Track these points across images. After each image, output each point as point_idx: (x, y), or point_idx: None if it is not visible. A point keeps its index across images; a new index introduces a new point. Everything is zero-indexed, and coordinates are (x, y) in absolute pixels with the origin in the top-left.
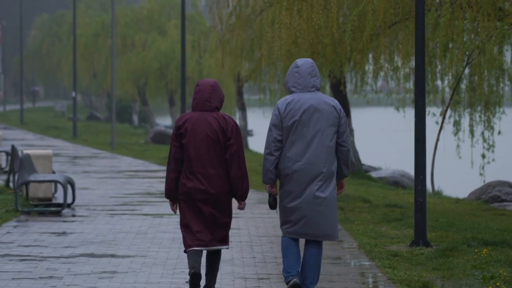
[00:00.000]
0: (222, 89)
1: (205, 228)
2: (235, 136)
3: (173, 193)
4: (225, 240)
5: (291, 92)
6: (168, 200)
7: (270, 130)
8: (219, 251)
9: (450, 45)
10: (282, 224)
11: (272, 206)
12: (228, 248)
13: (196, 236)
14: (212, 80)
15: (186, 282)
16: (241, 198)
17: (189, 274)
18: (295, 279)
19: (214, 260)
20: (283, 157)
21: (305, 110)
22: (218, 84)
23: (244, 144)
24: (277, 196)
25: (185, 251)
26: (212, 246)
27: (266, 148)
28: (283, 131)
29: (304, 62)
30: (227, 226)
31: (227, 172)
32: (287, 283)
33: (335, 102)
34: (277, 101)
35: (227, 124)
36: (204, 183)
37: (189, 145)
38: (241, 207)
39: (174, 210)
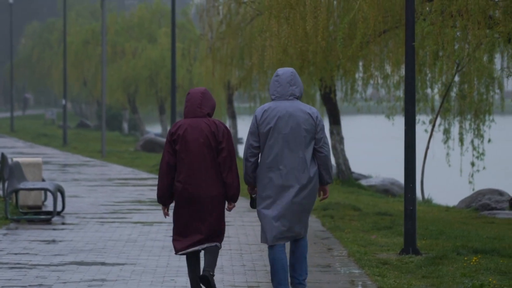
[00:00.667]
0: (213, 97)
1: (198, 230)
2: (226, 140)
3: (165, 198)
4: (219, 238)
5: (271, 100)
6: (160, 204)
7: (248, 137)
8: (214, 247)
9: (440, 54)
10: (263, 231)
11: (253, 205)
12: (219, 245)
13: (189, 238)
14: (203, 88)
15: None
16: (232, 199)
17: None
18: None
19: (209, 254)
20: (261, 163)
21: (280, 118)
22: (209, 92)
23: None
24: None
25: (176, 253)
26: (205, 243)
27: (244, 154)
28: (260, 138)
29: (284, 72)
30: (221, 226)
31: (220, 175)
32: None
33: (312, 110)
34: (256, 109)
35: (218, 129)
36: (197, 187)
37: (182, 150)
38: (230, 207)
39: (166, 214)
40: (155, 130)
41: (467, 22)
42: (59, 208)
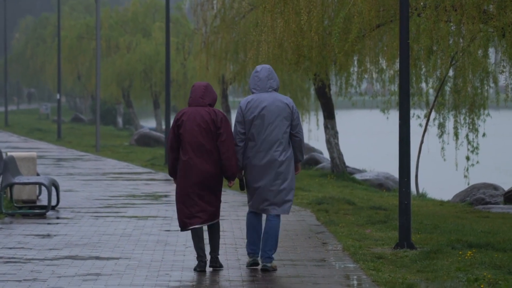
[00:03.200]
0: (215, 91)
1: (199, 207)
2: (224, 126)
3: (174, 172)
4: (216, 215)
5: (252, 93)
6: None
7: (235, 125)
8: (215, 224)
9: (435, 48)
10: (248, 201)
11: (242, 187)
12: (218, 221)
13: (192, 215)
14: (206, 82)
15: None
16: (232, 178)
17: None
18: (255, 257)
19: (213, 232)
20: (247, 148)
21: (262, 108)
22: (211, 86)
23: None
24: (244, 178)
25: (182, 230)
26: (207, 222)
27: (233, 140)
28: (245, 125)
29: (262, 68)
30: (217, 202)
31: (218, 156)
32: (249, 257)
33: (288, 100)
34: (240, 101)
35: (217, 116)
36: (198, 165)
37: (185, 133)
38: (230, 184)
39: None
40: (149, 124)
41: (462, 17)
42: (53, 203)
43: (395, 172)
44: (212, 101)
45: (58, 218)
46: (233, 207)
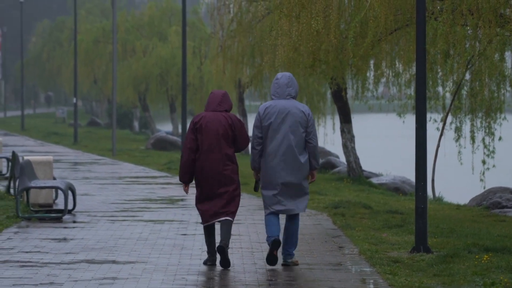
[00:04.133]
0: (231, 99)
1: (216, 204)
2: (239, 129)
3: (187, 177)
4: (232, 213)
5: (272, 99)
6: (182, 183)
7: (253, 130)
8: (226, 221)
9: (451, 52)
10: (264, 203)
11: (256, 189)
12: (233, 221)
13: (210, 212)
14: (224, 90)
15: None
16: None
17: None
18: (276, 237)
19: (223, 227)
20: (264, 152)
21: (279, 113)
22: (228, 95)
23: (244, 150)
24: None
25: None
26: (222, 217)
27: (251, 143)
28: (263, 130)
29: (282, 76)
30: (236, 199)
31: (234, 158)
32: (269, 244)
33: (305, 108)
34: (259, 107)
35: (233, 121)
36: (213, 167)
37: (203, 137)
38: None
39: (186, 191)
40: (165, 128)
41: (478, 21)
42: (70, 206)
43: (411, 176)
44: (229, 108)
45: (74, 222)
46: (249, 211)
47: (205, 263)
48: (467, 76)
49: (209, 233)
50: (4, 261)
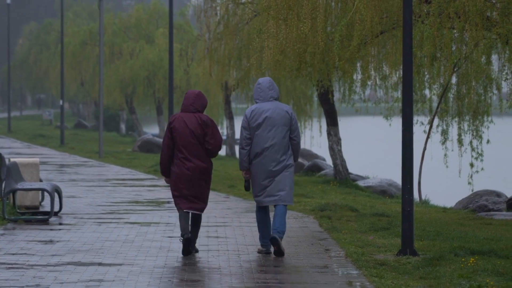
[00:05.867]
0: (207, 97)
1: (191, 195)
2: (211, 128)
3: (166, 171)
4: (203, 205)
5: (256, 102)
6: (163, 177)
7: (241, 131)
8: (198, 216)
9: (438, 55)
10: (254, 198)
11: (247, 188)
12: (202, 212)
13: (186, 199)
14: (198, 90)
15: (180, 240)
16: (212, 153)
17: (183, 237)
18: (272, 236)
19: (195, 221)
20: (252, 151)
21: (265, 115)
22: (202, 93)
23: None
24: (250, 180)
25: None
26: (195, 209)
27: (239, 144)
28: (250, 131)
29: (263, 80)
30: (206, 192)
31: (206, 153)
32: (262, 247)
33: (288, 108)
34: (246, 110)
35: (204, 121)
36: (189, 162)
37: (177, 135)
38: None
39: (167, 182)
40: (152, 130)
41: (465, 24)
42: (56, 209)
43: (398, 179)
44: (201, 108)
45: (60, 224)
46: (236, 213)
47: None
48: (454, 79)
49: (183, 218)
50: None
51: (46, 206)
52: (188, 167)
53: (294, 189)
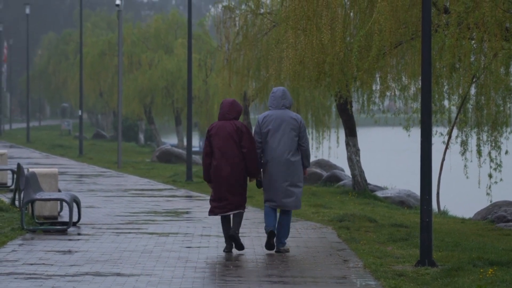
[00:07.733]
0: (240, 104)
1: (228, 199)
2: (246, 135)
3: (208, 176)
4: (242, 206)
5: (269, 109)
6: (206, 182)
7: (253, 136)
8: (239, 213)
9: (457, 65)
10: (265, 200)
11: (259, 186)
12: (244, 212)
13: (222, 205)
14: (232, 99)
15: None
16: (253, 174)
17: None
18: (271, 228)
19: (235, 218)
20: (263, 155)
21: (275, 121)
22: (236, 101)
23: None
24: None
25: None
26: (233, 210)
27: (254, 147)
28: (262, 136)
29: (277, 89)
30: (243, 198)
31: (243, 159)
32: (266, 232)
33: (297, 116)
34: (258, 116)
35: (240, 128)
36: (226, 168)
37: (215, 143)
38: (251, 181)
39: (211, 187)
40: (171, 141)
41: (484, 34)
42: (75, 219)
43: (416, 190)
44: (237, 115)
45: (79, 234)
46: (254, 223)
47: (224, 250)
48: (473, 90)
49: (225, 221)
50: (9, 273)
51: (64, 216)
52: (224, 171)
53: (312, 199)
